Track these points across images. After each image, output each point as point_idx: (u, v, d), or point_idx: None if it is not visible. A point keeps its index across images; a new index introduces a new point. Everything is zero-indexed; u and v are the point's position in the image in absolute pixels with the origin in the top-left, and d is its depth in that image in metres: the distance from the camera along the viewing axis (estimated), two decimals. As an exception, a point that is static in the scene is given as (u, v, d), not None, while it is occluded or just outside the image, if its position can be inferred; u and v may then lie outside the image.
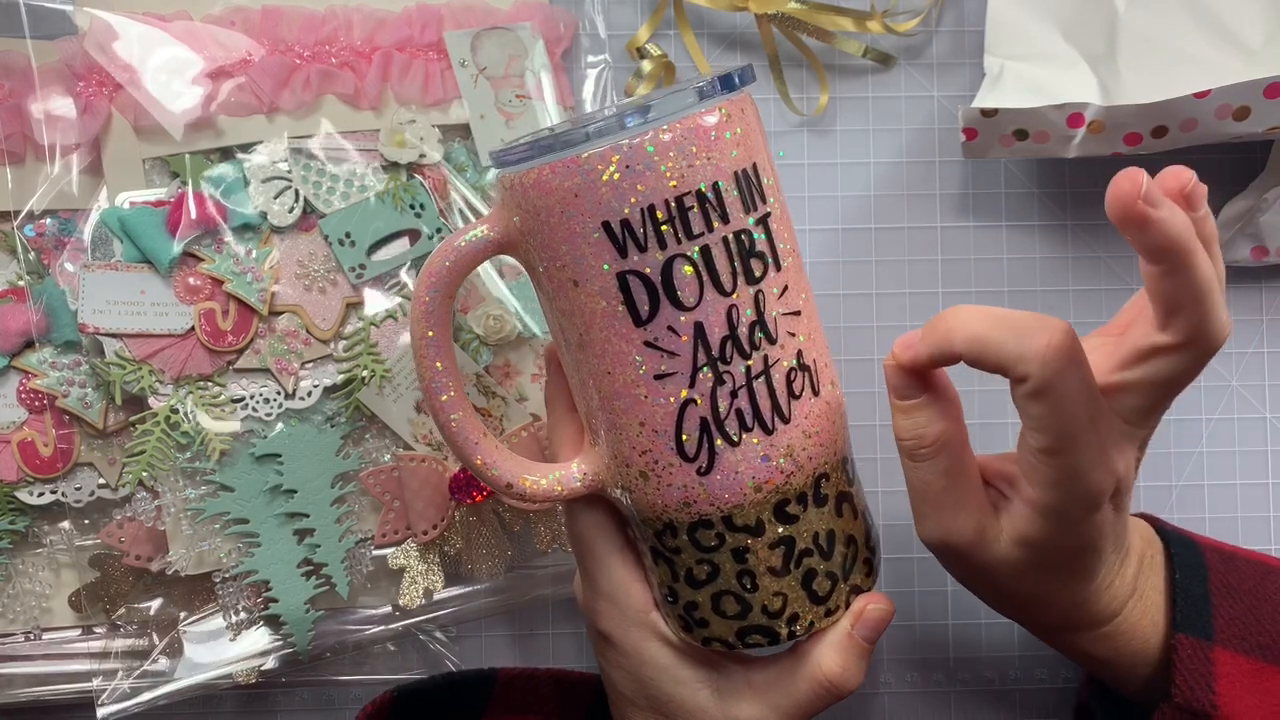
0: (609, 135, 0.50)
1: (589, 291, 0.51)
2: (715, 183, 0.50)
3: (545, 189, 0.50)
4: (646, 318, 0.51)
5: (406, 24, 0.69)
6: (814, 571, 0.55)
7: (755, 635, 0.55)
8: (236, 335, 0.67)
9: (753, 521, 0.53)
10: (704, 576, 0.55)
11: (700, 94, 0.51)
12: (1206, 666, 0.56)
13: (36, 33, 0.67)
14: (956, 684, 0.74)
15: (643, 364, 0.52)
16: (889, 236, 0.75)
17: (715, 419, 0.52)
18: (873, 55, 0.74)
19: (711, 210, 0.50)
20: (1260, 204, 0.70)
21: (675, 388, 0.52)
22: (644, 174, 0.49)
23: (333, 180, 0.68)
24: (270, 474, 0.67)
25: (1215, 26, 0.68)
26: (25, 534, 0.68)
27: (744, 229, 0.51)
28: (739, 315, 0.51)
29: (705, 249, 0.50)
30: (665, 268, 0.50)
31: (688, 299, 0.51)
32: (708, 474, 0.53)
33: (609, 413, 0.54)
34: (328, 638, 0.70)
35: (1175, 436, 0.75)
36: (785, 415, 0.53)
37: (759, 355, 0.52)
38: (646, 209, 0.50)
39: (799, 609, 0.55)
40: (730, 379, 0.52)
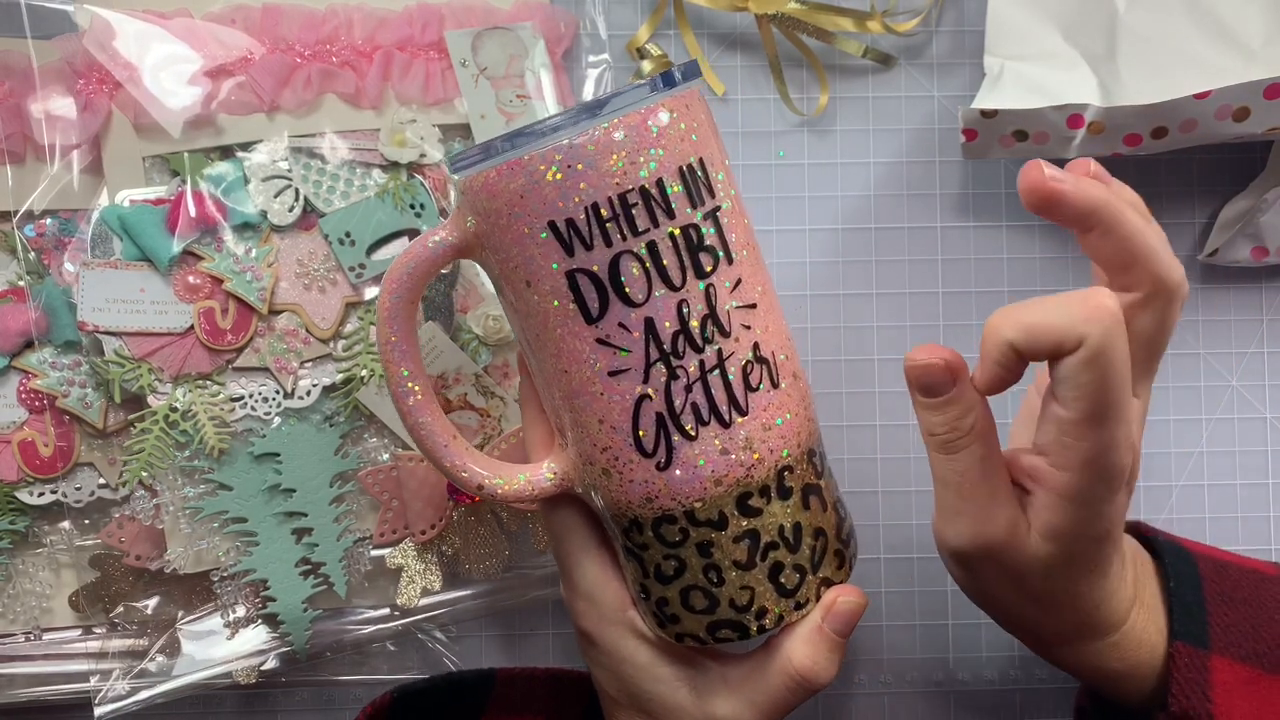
0: (550, 136, 0.50)
1: (541, 291, 0.52)
2: (659, 179, 0.51)
3: (493, 192, 0.51)
4: (597, 315, 0.51)
5: (407, 23, 0.70)
6: (781, 565, 0.55)
7: (725, 630, 0.55)
8: (236, 334, 0.67)
9: (715, 515, 0.53)
10: (671, 572, 0.55)
11: (642, 91, 0.51)
12: (1203, 675, 0.56)
13: (37, 32, 0.67)
14: (956, 684, 0.74)
15: (596, 361, 0.52)
16: (889, 236, 0.75)
17: (671, 413, 0.52)
18: (873, 55, 0.74)
19: (656, 206, 0.51)
20: (1260, 204, 0.70)
21: (630, 384, 0.52)
22: (585, 173, 0.50)
23: (333, 179, 0.68)
24: (269, 473, 0.67)
25: (1215, 27, 0.68)
26: (25, 534, 0.68)
27: (691, 224, 0.51)
28: (690, 309, 0.52)
29: (652, 244, 0.51)
30: (612, 265, 0.51)
31: (636, 295, 0.51)
32: (667, 469, 0.53)
33: (571, 411, 0.54)
34: (326, 637, 0.70)
35: (1175, 436, 0.75)
36: (742, 408, 0.53)
37: (712, 349, 0.52)
38: (590, 207, 0.50)
39: (767, 603, 0.55)
40: (684, 373, 0.52)
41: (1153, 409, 0.74)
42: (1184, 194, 0.75)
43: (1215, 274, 0.75)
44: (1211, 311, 0.75)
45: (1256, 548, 0.74)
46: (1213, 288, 0.75)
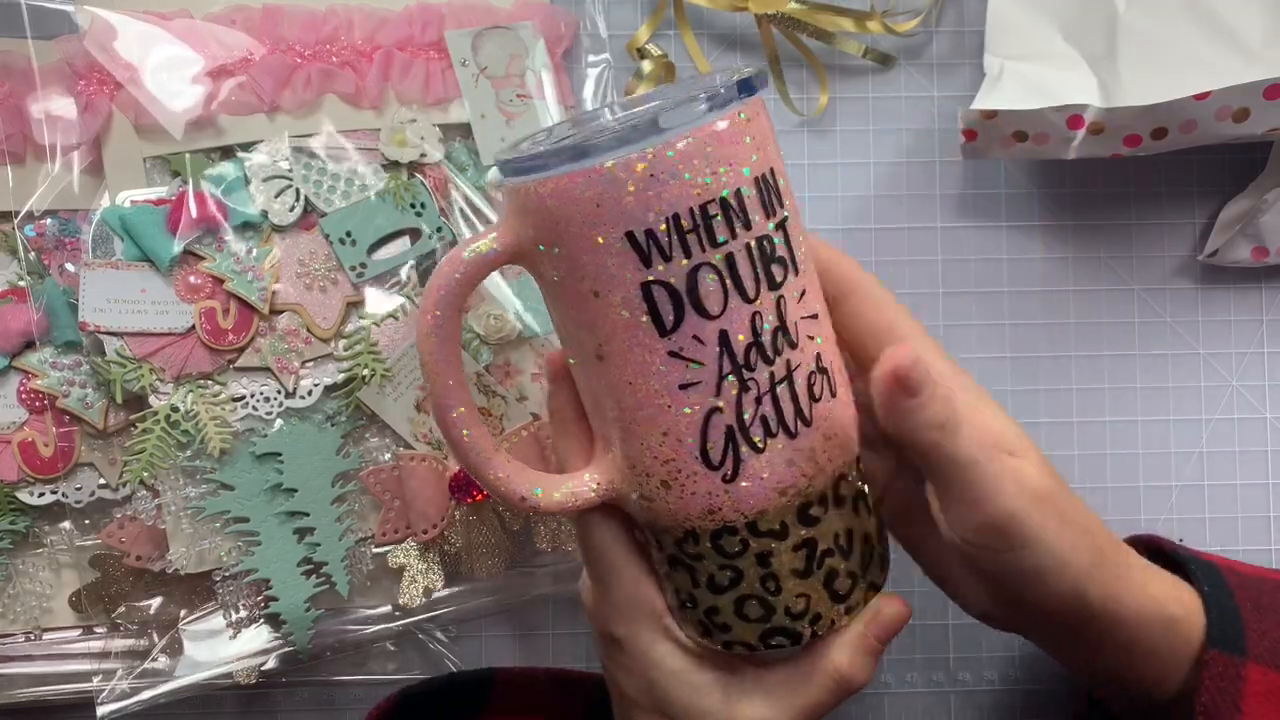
0: (632, 143, 0.48)
1: (610, 302, 0.50)
2: (738, 189, 0.49)
3: (565, 198, 0.49)
4: (671, 327, 0.50)
5: (407, 23, 0.70)
6: (835, 571, 0.54)
7: (779, 637, 0.55)
8: (237, 334, 0.67)
9: (777, 526, 0.53)
10: (726, 582, 0.54)
11: (720, 99, 0.49)
12: (1236, 684, 0.55)
13: (37, 33, 0.67)
14: (956, 684, 0.74)
15: (667, 374, 0.50)
16: (889, 236, 0.75)
17: (740, 426, 0.51)
18: (873, 55, 0.75)
19: (735, 217, 0.49)
20: (1260, 204, 0.70)
21: (700, 396, 0.51)
22: (668, 183, 0.48)
23: (333, 179, 0.68)
24: (270, 473, 0.67)
25: (1215, 27, 0.68)
26: (26, 534, 0.68)
27: (765, 234, 0.50)
28: (762, 322, 0.50)
29: (729, 256, 0.49)
30: (690, 276, 0.49)
31: (713, 308, 0.49)
32: (733, 481, 0.52)
33: (630, 423, 0.52)
34: (328, 637, 0.70)
35: (1175, 436, 0.75)
36: (807, 419, 0.52)
37: (781, 360, 0.51)
38: (671, 218, 0.48)
39: (821, 609, 0.54)
40: (755, 385, 0.51)
41: (1153, 409, 0.75)
42: (1184, 194, 0.75)
43: (1215, 274, 0.75)
44: (1211, 311, 0.75)
45: (1257, 548, 0.74)
46: (1213, 288, 0.75)
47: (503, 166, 0.51)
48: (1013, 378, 0.75)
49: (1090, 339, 0.75)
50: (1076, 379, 0.75)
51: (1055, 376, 0.75)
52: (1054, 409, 0.75)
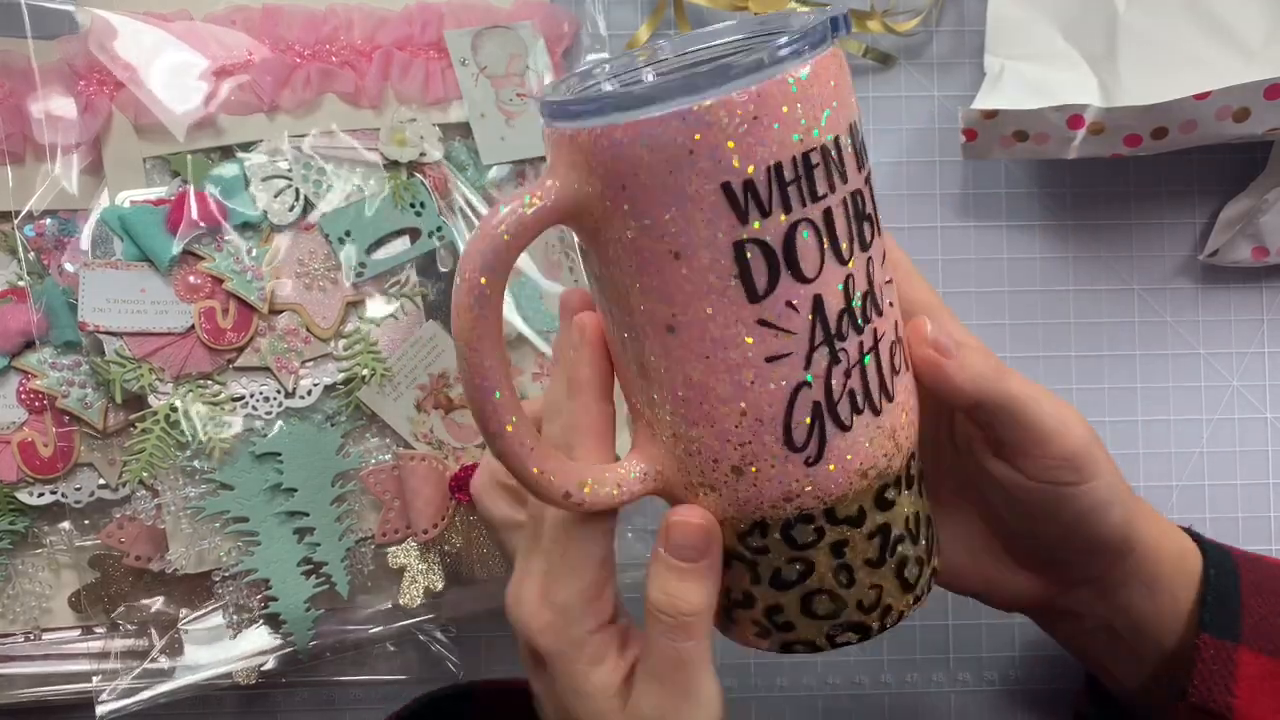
0: (724, 84, 0.42)
1: (694, 265, 0.44)
2: (837, 137, 0.44)
3: (650, 144, 0.42)
4: (764, 292, 0.44)
5: (407, 22, 0.70)
6: (906, 558, 0.50)
7: (847, 633, 0.51)
8: (237, 334, 0.67)
9: (854, 511, 0.48)
10: (795, 576, 0.49)
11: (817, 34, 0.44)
12: (1228, 668, 0.56)
13: (37, 32, 0.67)
14: (956, 684, 0.74)
15: (753, 345, 0.45)
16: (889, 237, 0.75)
17: (829, 402, 0.46)
18: (873, 55, 0.75)
19: (834, 168, 0.44)
20: (1260, 204, 0.70)
21: (789, 370, 0.45)
22: (771, 127, 0.42)
23: (333, 179, 0.68)
24: (270, 473, 0.67)
25: (1215, 27, 0.68)
26: (25, 534, 0.68)
27: (858, 188, 0.45)
28: (854, 286, 0.45)
29: (827, 212, 0.44)
30: (788, 234, 0.43)
31: (809, 270, 0.44)
32: (816, 464, 0.47)
33: (700, 404, 0.46)
34: (327, 637, 0.70)
35: (1176, 436, 0.75)
36: (890, 393, 0.48)
37: (869, 329, 0.46)
38: (773, 167, 0.43)
39: (892, 600, 0.50)
40: (845, 357, 0.46)
41: (1153, 409, 0.75)
42: (1184, 194, 0.75)
43: (1215, 274, 0.75)
44: (1212, 311, 0.75)
45: (1257, 548, 0.74)
46: (1213, 288, 0.75)
47: (557, 110, 0.45)
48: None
49: (1090, 339, 0.75)
50: (1076, 379, 0.75)
51: (1055, 376, 0.75)
52: (1054, 409, 0.75)
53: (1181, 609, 0.58)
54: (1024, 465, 0.53)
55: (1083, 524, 0.54)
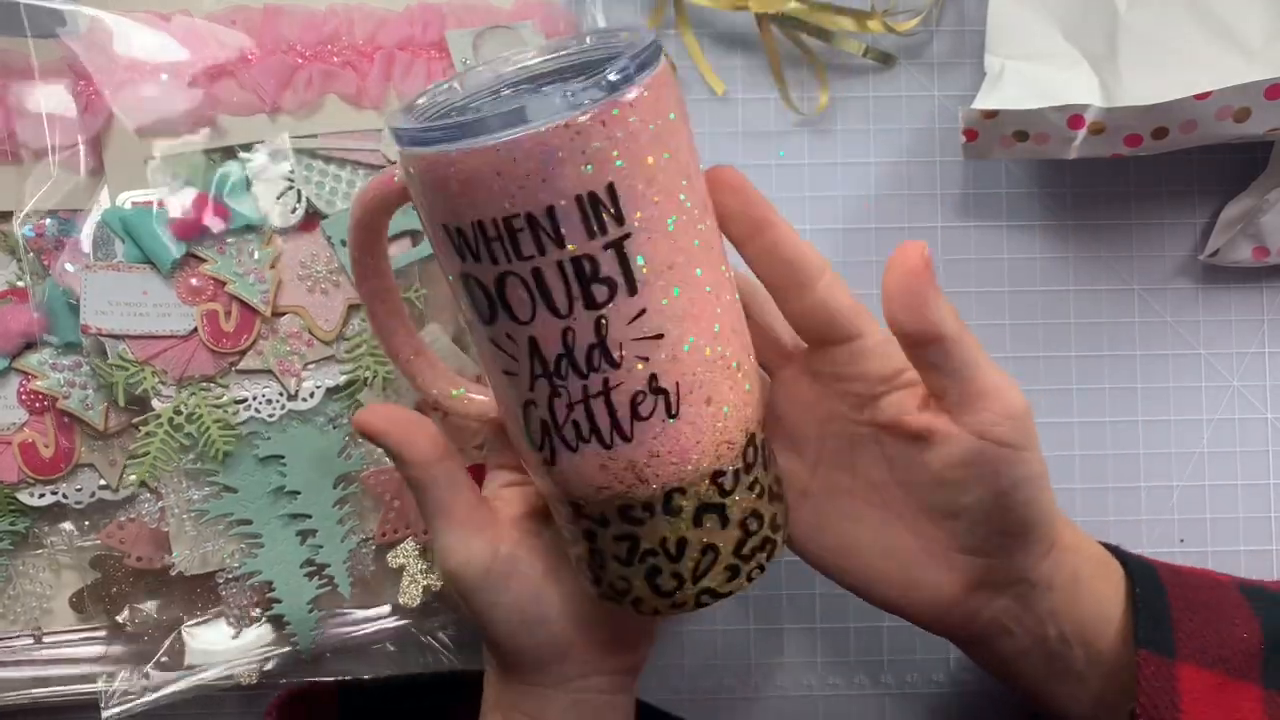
0: (451, 139, 0.47)
1: (448, 280, 0.52)
2: (550, 206, 0.46)
3: (409, 175, 0.50)
4: (488, 320, 0.50)
5: (408, 23, 0.69)
6: (658, 569, 0.53)
7: (610, 602, 0.56)
8: (239, 336, 0.66)
9: (598, 514, 0.53)
10: (569, 536, 0.56)
11: (559, 103, 0.46)
12: (1170, 683, 0.56)
13: (37, 32, 0.67)
14: (957, 684, 0.74)
15: (495, 357, 0.51)
16: (889, 236, 0.75)
17: (554, 424, 0.51)
18: (873, 55, 0.75)
19: (544, 234, 0.47)
20: (1261, 204, 0.70)
21: (519, 387, 0.51)
22: (478, 187, 0.47)
23: (335, 181, 0.68)
24: (273, 475, 0.67)
25: (1216, 27, 0.68)
26: (26, 535, 0.68)
27: (586, 254, 0.47)
28: (574, 337, 0.49)
29: (536, 270, 0.48)
30: (498, 281, 0.48)
31: (520, 314, 0.49)
32: (552, 466, 0.52)
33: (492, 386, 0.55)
34: (329, 637, 0.70)
35: (1175, 436, 0.75)
36: (627, 435, 0.50)
37: (598, 376, 0.49)
38: (475, 223, 0.47)
39: (643, 595, 0.54)
40: (566, 393, 0.50)
41: (1153, 409, 0.75)
42: (1184, 194, 0.75)
43: (1216, 274, 0.75)
44: (1212, 311, 0.75)
45: (1257, 548, 0.75)
46: (1213, 288, 0.75)
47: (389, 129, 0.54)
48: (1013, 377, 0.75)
49: (1090, 339, 0.75)
50: (1076, 379, 0.75)
51: (1055, 376, 0.75)
52: (1054, 409, 0.75)
53: (1110, 616, 0.58)
54: (968, 420, 0.54)
55: (1013, 498, 0.55)
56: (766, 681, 0.75)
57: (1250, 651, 0.57)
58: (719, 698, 0.75)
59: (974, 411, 0.53)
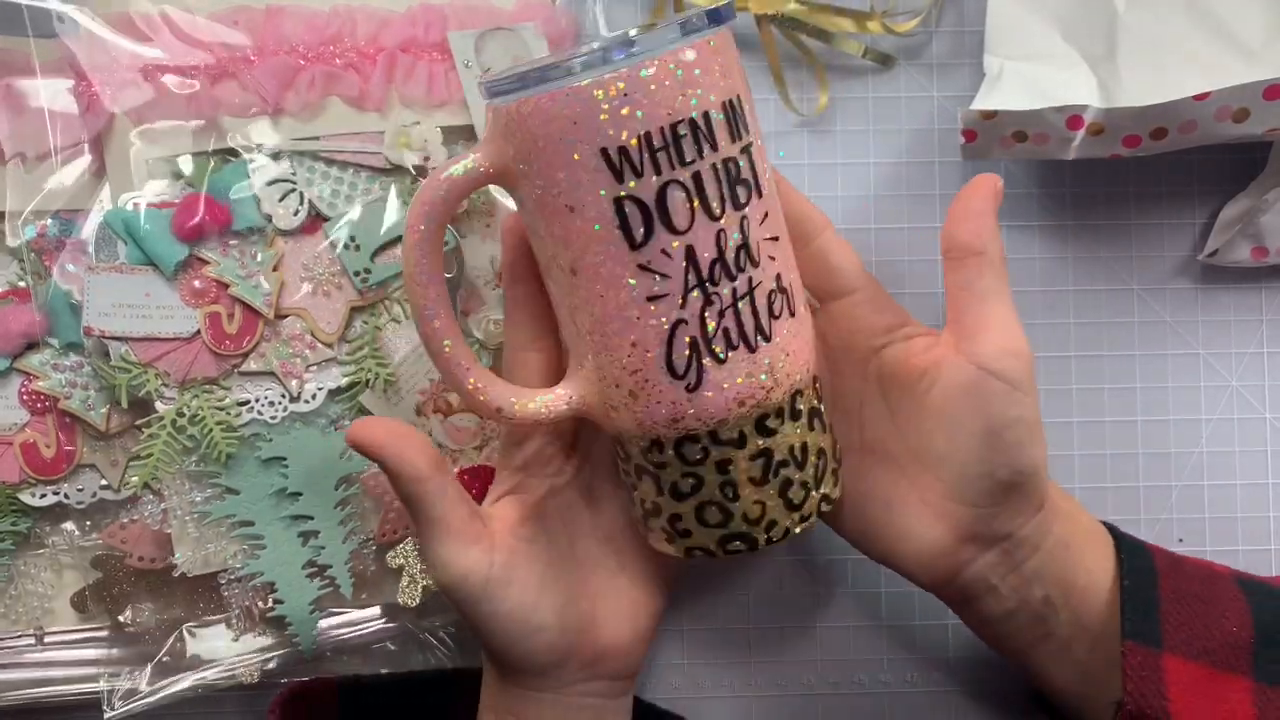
0: (605, 65, 0.51)
1: (585, 217, 0.53)
2: (706, 111, 0.52)
3: (543, 117, 0.52)
4: (641, 241, 0.53)
5: (411, 24, 0.69)
6: (790, 481, 0.57)
7: (736, 541, 0.58)
8: (242, 339, 0.66)
9: (736, 435, 0.56)
10: (688, 489, 0.57)
11: (687, 27, 0.52)
12: (1157, 674, 0.56)
13: (38, 32, 0.67)
14: (956, 684, 0.75)
15: (636, 286, 0.53)
16: (889, 236, 0.75)
17: (704, 338, 0.54)
18: (873, 55, 0.75)
19: (703, 138, 0.52)
20: (1260, 204, 0.70)
21: (667, 308, 0.54)
22: (641, 102, 0.51)
23: (337, 183, 0.68)
24: (275, 477, 0.67)
25: (1215, 27, 0.68)
26: (28, 535, 0.68)
27: (731, 156, 0.53)
28: (726, 239, 0.53)
29: (697, 175, 0.52)
30: (660, 193, 0.52)
31: (680, 223, 0.53)
32: (695, 390, 0.55)
33: (601, 335, 0.55)
34: (330, 637, 0.70)
35: (1175, 436, 0.75)
36: (766, 334, 0.55)
37: (744, 277, 0.54)
38: (643, 136, 0.51)
39: (776, 516, 0.58)
40: (718, 299, 0.54)
41: (1152, 409, 0.75)
42: (1184, 194, 0.75)
43: (1215, 274, 0.75)
44: (1211, 312, 0.75)
45: (1257, 548, 0.75)
46: (1213, 288, 0.75)
47: (485, 88, 0.54)
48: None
49: (1090, 339, 0.75)
50: (1076, 379, 0.75)
51: (1055, 376, 0.75)
52: (1054, 409, 0.75)
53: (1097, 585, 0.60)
54: (972, 350, 0.58)
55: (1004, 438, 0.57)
56: (766, 681, 0.75)
57: (1239, 644, 0.57)
58: (719, 698, 0.75)
59: (980, 341, 0.57)
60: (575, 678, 0.62)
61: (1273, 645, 0.58)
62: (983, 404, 0.57)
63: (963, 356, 0.58)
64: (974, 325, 0.58)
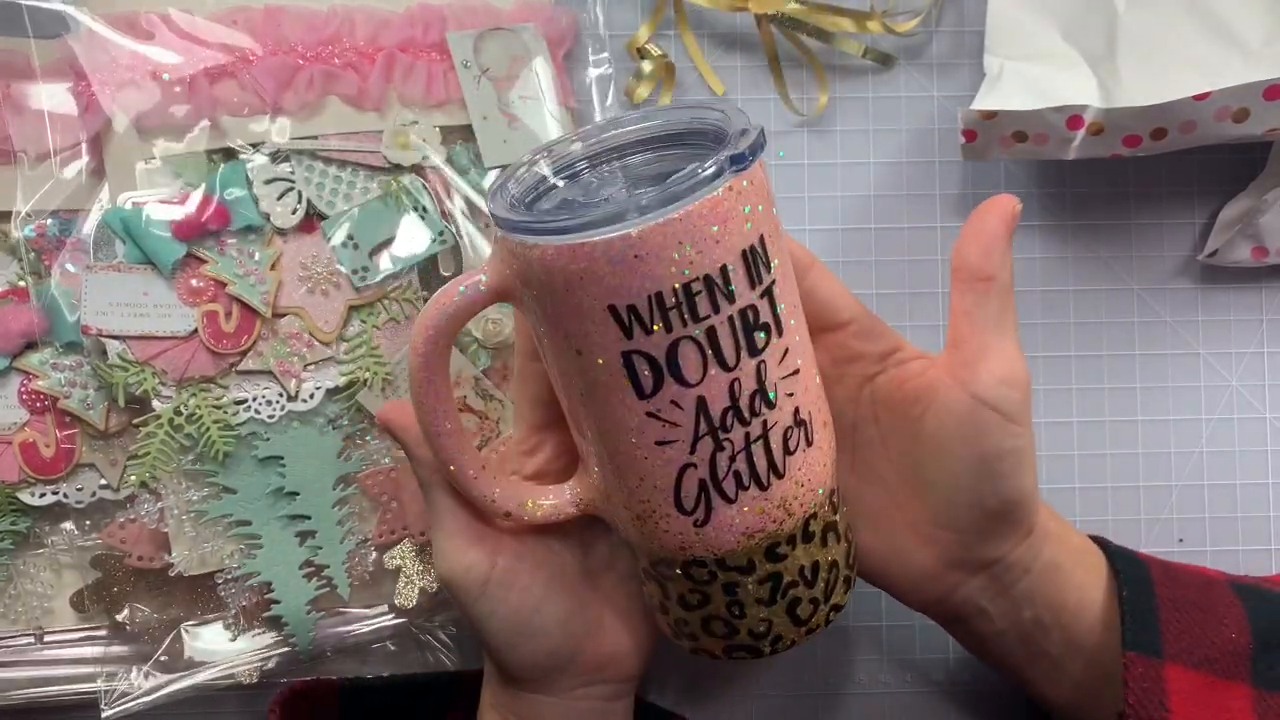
0: (616, 222, 0.48)
1: (591, 362, 0.51)
2: (723, 265, 0.49)
3: (549, 266, 0.49)
4: (650, 392, 0.51)
5: (409, 24, 0.69)
6: (799, 599, 0.56)
7: (740, 652, 0.57)
8: (239, 337, 0.66)
9: (744, 562, 0.55)
10: (695, 602, 0.56)
11: (710, 175, 0.49)
12: (1158, 684, 0.56)
13: (37, 32, 0.67)
14: (956, 684, 0.74)
15: (644, 431, 0.52)
16: (889, 236, 0.75)
17: (714, 480, 0.52)
18: (873, 55, 0.75)
19: (718, 293, 0.50)
20: (1260, 204, 0.70)
21: (676, 453, 0.52)
22: (650, 262, 0.48)
23: (335, 182, 0.68)
24: (273, 476, 0.67)
25: (1215, 27, 0.68)
26: (27, 535, 0.68)
27: (749, 305, 0.51)
28: (740, 387, 0.51)
29: (711, 329, 0.50)
30: (670, 348, 0.50)
31: (691, 376, 0.50)
32: (704, 526, 0.53)
33: (608, 460, 0.54)
34: (328, 637, 0.70)
35: (1175, 436, 0.75)
36: (780, 471, 0.53)
37: (758, 421, 0.52)
38: (654, 296, 0.49)
39: (782, 631, 0.57)
40: (730, 445, 0.52)
41: (1152, 409, 0.75)
42: (1184, 194, 0.75)
43: (1215, 274, 0.75)
44: (1211, 311, 0.75)
45: (1257, 548, 0.75)
46: (1213, 288, 0.75)
47: (495, 221, 0.52)
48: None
49: (1090, 339, 0.75)
50: (1076, 379, 0.75)
51: (1055, 376, 0.75)
52: (1054, 409, 0.75)
53: (1089, 602, 0.60)
54: (969, 378, 0.56)
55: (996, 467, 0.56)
56: (766, 681, 0.75)
57: (1238, 651, 0.57)
58: (719, 698, 0.75)
59: (978, 370, 0.56)
60: (577, 682, 0.62)
61: (1270, 651, 0.58)
62: (976, 434, 0.56)
63: (958, 384, 0.56)
64: (974, 353, 0.56)
